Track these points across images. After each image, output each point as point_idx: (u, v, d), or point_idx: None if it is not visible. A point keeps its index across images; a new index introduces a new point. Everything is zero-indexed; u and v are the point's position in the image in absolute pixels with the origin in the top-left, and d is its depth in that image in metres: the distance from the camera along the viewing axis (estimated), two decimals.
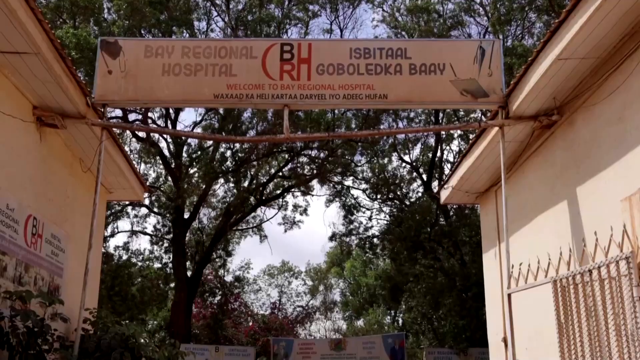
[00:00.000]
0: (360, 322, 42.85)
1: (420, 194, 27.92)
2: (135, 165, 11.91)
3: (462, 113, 23.81)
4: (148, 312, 29.65)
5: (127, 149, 18.95)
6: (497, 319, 10.31)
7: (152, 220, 29.23)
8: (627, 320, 5.24)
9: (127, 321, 8.99)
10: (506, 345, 9.23)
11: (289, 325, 37.24)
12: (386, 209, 28.64)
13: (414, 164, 28.24)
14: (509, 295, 7.65)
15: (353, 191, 29.16)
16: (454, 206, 24.73)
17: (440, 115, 25.22)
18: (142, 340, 7.98)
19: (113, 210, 26.34)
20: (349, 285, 45.52)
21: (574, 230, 7.35)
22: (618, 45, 6.44)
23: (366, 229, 28.91)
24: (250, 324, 37.26)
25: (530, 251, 7.93)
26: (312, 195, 30.16)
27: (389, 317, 41.85)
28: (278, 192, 29.21)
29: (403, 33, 24.06)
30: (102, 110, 8.43)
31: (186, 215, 26.79)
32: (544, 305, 7.11)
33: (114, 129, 9.45)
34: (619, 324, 5.36)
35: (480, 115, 20.63)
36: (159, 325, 32.89)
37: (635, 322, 5.12)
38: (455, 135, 26.37)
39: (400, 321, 38.83)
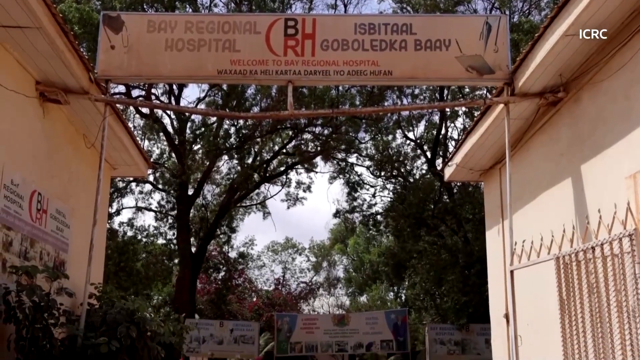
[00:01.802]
0: (363, 298, 43.14)
1: (424, 171, 27.90)
2: (139, 142, 11.91)
3: (467, 90, 23.69)
4: (153, 287, 29.87)
5: (130, 125, 18.94)
6: (499, 296, 10.35)
7: (157, 196, 29.24)
8: (629, 297, 5.26)
9: (132, 296, 9.03)
10: (508, 322, 9.28)
11: (292, 301, 37.51)
12: (390, 186, 28.65)
13: (418, 141, 28.18)
14: (512, 272, 7.68)
15: (357, 168, 29.16)
16: (458, 183, 24.71)
17: (445, 92, 25.10)
18: (147, 315, 8.05)
19: (118, 187, 26.40)
20: (352, 261, 45.74)
21: (578, 208, 7.35)
22: (626, 22, 6.38)
23: (370, 206, 28.96)
24: (255, 299, 37.57)
25: (533, 228, 7.93)
26: (316, 172, 30.18)
27: (391, 293, 42.08)
28: (282, 169, 29.21)
29: (408, 8, 23.87)
30: (105, 85, 8.41)
31: (190, 192, 26.84)
32: (546, 282, 7.14)
33: (117, 105, 9.43)
34: (620, 300, 5.38)
35: (485, 92, 20.52)
36: (164, 301, 33.15)
37: (637, 298, 5.13)
38: (460, 112, 26.29)
39: (403, 297, 39.03)
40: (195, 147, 25.94)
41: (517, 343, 7.52)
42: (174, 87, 25.19)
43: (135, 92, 24.07)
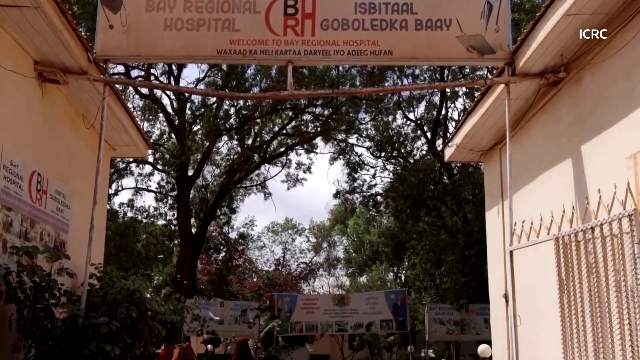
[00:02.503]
0: (363, 279, 43.29)
1: (424, 152, 27.91)
2: (139, 122, 11.88)
3: (467, 70, 23.62)
4: (153, 268, 30.00)
5: (129, 105, 18.88)
6: (498, 276, 10.39)
7: (157, 177, 29.30)
8: (628, 277, 5.28)
9: (133, 276, 9.07)
10: (507, 301, 9.31)
11: (292, 281, 37.69)
12: (390, 167, 28.68)
13: (419, 121, 28.15)
14: (511, 252, 7.69)
15: (357, 149, 29.19)
16: (458, 164, 24.71)
17: (446, 72, 25.03)
18: (147, 295, 8.08)
19: (117, 168, 26.41)
20: (352, 242, 45.87)
21: (578, 188, 7.35)
22: (628, 1, 6.33)
23: (370, 187, 29.01)
24: (255, 279, 37.72)
25: (533, 209, 7.94)
26: (316, 153, 30.23)
27: (391, 273, 42.26)
28: (282, 149, 29.21)
29: None
30: (104, 65, 8.37)
31: (190, 173, 26.86)
32: (545, 262, 7.16)
33: (116, 85, 9.38)
34: (619, 280, 5.39)
35: (486, 72, 20.44)
36: (165, 281, 33.30)
37: (636, 278, 5.14)
38: (460, 92, 26.24)
39: (403, 277, 39.21)
40: (195, 128, 25.94)
41: (516, 323, 7.56)
42: (173, 67, 25.12)
43: (134, 73, 24.02)
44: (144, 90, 24.83)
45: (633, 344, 5.17)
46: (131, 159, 25.37)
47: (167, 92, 25.79)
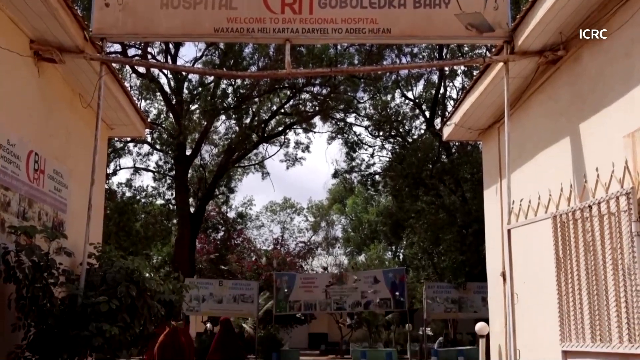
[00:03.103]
0: (361, 258, 43.42)
1: (422, 131, 27.88)
2: (136, 101, 11.84)
3: (466, 48, 23.50)
4: (152, 247, 30.05)
5: (127, 84, 18.79)
6: (496, 254, 10.42)
7: (155, 157, 29.27)
8: (625, 255, 5.29)
9: (132, 256, 9.07)
10: (504, 280, 9.36)
11: (291, 261, 37.78)
12: (388, 146, 28.63)
13: (417, 100, 28.07)
14: (509, 231, 7.71)
15: (355, 128, 29.09)
16: (456, 143, 24.69)
17: (444, 50, 24.91)
18: (146, 274, 8.10)
19: (115, 148, 26.36)
20: (350, 221, 45.94)
21: (576, 167, 7.35)
22: None
23: (368, 166, 28.98)
24: (254, 259, 37.82)
25: (531, 187, 7.94)
26: (314, 132, 30.14)
27: (390, 252, 42.40)
28: (280, 129, 29.14)
29: None
30: (101, 44, 8.32)
31: (188, 152, 26.82)
32: (542, 241, 7.18)
33: (113, 64, 9.34)
34: (616, 258, 5.42)
35: (484, 50, 20.35)
36: (164, 261, 33.39)
37: (633, 256, 5.16)
38: (459, 71, 26.14)
39: (401, 256, 39.33)
40: (193, 107, 25.85)
41: (514, 301, 7.61)
42: (170, 46, 24.97)
43: (131, 52, 23.87)
44: (141, 69, 24.73)
45: (629, 321, 5.21)
46: (129, 139, 25.35)
47: (165, 71, 25.67)
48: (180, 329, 11.24)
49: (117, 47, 22.54)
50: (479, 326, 10.52)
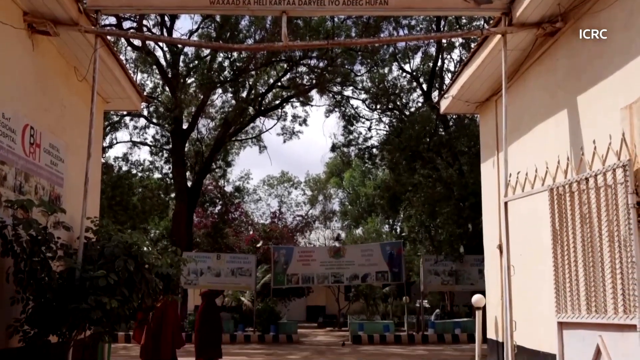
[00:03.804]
0: (359, 231, 43.56)
1: (420, 104, 27.77)
2: (132, 75, 11.77)
3: (464, 21, 23.36)
4: (150, 221, 30.09)
5: (122, 58, 18.66)
6: (493, 227, 10.46)
7: (151, 131, 29.23)
8: (621, 227, 5.31)
9: (129, 230, 9.08)
10: (501, 252, 9.41)
11: (288, 234, 37.90)
12: (386, 119, 28.55)
13: (414, 73, 27.96)
14: (506, 204, 7.73)
15: (353, 101, 29.02)
16: (454, 116, 24.65)
17: (442, 23, 24.75)
18: (144, 248, 8.11)
19: (111, 121, 26.27)
20: (347, 195, 46.00)
21: (573, 139, 7.34)
22: None
23: (365, 139, 28.93)
24: (251, 232, 37.93)
25: (528, 160, 7.95)
26: (312, 106, 30.06)
27: (387, 225, 42.53)
28: (277, 102, 29.04)
29: None
30: (95, 16, 8.23)
31: (185, 126, 26.75)
32: (539, 213, 7.20)
33: (108, 37, 9.25)
34: (612, 230, 5.44)
35: (482, 22, 20.22)
36: (161, 234, 33.47)
37: (629, 228, 5.18)
38: (457, 43, 25.97)
39: (398, 229, 39.48)
40: (189, 81, 25.72)
41: (510, 273, 7.65)
42: (166, 18, 24.78)
43: (126, 24, 23.69)
44: (137, 42, 24.55)
45: (625, 292, 5.24)
46: (125, 112, 25.26)
47: (160, 44, 25.51)
48: (169, 303, 11.33)
49: (112, 20, 22.36)
50: (476, 298, 10.59)
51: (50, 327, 7.07)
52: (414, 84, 27.91)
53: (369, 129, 29.04)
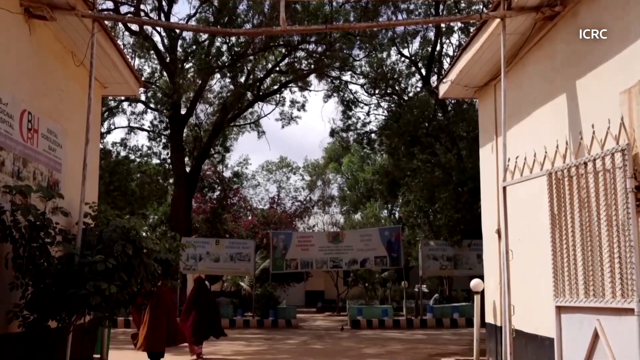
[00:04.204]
0: (357, 216, 43.61)
1: (418, 89, 27.70)
2: (129, 60, 11.72)
3: (463, 5, 23.25)
4: (148, 207, 30.10)
5: (120, 43, 18.58)
6: (491, 212, 10.48)
7: (149, 116, 29.12)
8: (619, 211, 5.32)
9: (128, 215, 9.08)
10: (499, 237, 9.43)
11: (287, 219, 37.92)
12: (384, 104, 28.48)
13: (413, 58, 27.84)
14: (504, 188, 7.73)
15: (351, 86, 28.90)
16: (453, 101, 24.58)
17: (441, 7, 24.63)
18: (143, 233, 8.12)
19: (109, 107, 26.20)
20: (346, 180, 46.02)
21: (572, 124, 7.34)
22: None
23: (364, 124, 28.85)
24: (250, 218, 37.95)
25: (527, 145, 7.94)
26: (310, 91, 29.95)
27: (385, 210, 42.56)
28: (275, 87, 28.95)
29: None
30: (92, 1, 8.19)
31: (183, 111, 26.68)
32: (538, 198, 7.20)
33: (105, 22, 9.21)
34: (610, 215, 5.44)
35: (481, 6, 20.13)
36: (160, 220, 33.48)
37: (627, 212, 5.19)
38: (456, 28, 25.87)
39: (397, 215, 39.50)
40: (187, 66, 25.59)
41: (509, 257, 7.66)
42: (164, 3, 24.63)
43: (123, 9, 23.54)
44: (134, 27, 24.42)
45: (622, 276, 5.25)
46: (123, 97, 25.18)
47: (158, 29, 25.36)
48: (165, 288, 11.49)
49: (110, 4, 22.30)
50: (474, 283, 10.63)
51: (50, 312, 7.09)
52: (413, 68, 27.81)
53: (368, 113, 29.01)
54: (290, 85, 28.62)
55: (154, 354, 11.84)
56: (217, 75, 26.55)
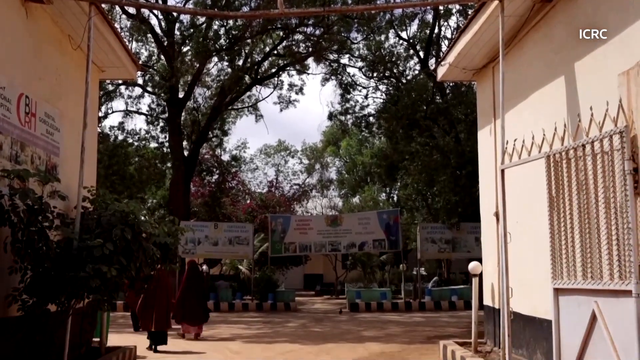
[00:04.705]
0: (355, 199, 43.66)
1: (416, 72, 27.63)
2: (127, 43, 11.67)
3: None
4: (146, 191, 30.10)
5: (117, 26, 18.47)
6: (489, 195, 10.49)
7: (147, 100, 29.11)
8: (617, 193, 5.32)
9: (126, 199, 9.07)
10: (498, 220, 9.44)
11: (286, 203, 37.96)
12: (382, 87, 28.43)
13: (411, 41, 27.74)
14: (502, 171, 7.73)
15: (349, 69, 28.87)
16: (451, 84, 24.54)
17: None
18: (141, 217, 8.12)
19: (107, 91, 26.11)
20: (344, 163, 46.01)
21: (570, 106, 7.33)
22: None
23: (362, 108, 28.83)
24: (248, 201, 37.99)
25: (525, 127, 7.94)
26: (308, 74, 29.86)
27: (384, 194, 42.61)
28: (273, 70, 28.85)
29: None
30: None
31: (181, 95, 26.60)
32: (536, 180, 7.20)
33: (102, 5, 9.14)
34: (608, 197, 5.45)
35: None
36: (158, 204, 33.50)
37: (625, 195, 5.19)
38: (454, 10, 25.76)
39: (395, 198, 39.56)
40: (185, 49, 25.50)
41: (507, 240, 7.68)
42: None
43: None
44: (131, 10, 24.26)
45: (620, 258, 5.27)
46: (120, 81, 25.09)
47: (155, 12, 25.22)
48: (163, 272, 11.93)
49: None
50: (472, 265, 10.65)
51: (49, 296, 7.11)
52: (411, 51, 27.72)
53: (366, 97, 28.96)
54: (288, 68, 28.55)
55: (157, 333, 12.44)
56: (215, 59, 26.48)
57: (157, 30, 25.40)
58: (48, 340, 7.23)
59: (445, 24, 27.14)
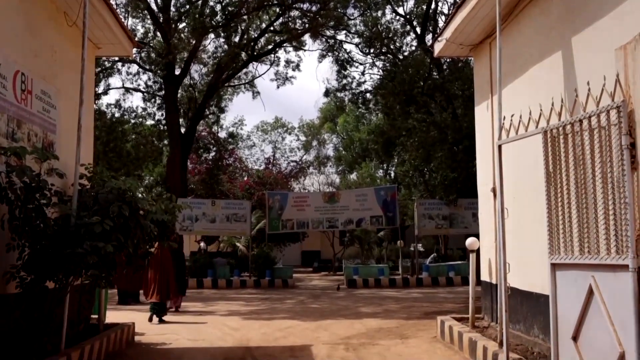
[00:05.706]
0: (353, 176, 43.70)
1: (413, 48, 27.52)
2: (122, 20, 11.58)
3: None
4: (144, 168, 30.09)
5: (112, 2, 18.32)
6: (487, 170, 10.50)
7: (144, 77, 28.94)
8: (614, 168, 5.33)
9: (123, 177, 9.07)
10: (495, 195, 9.46)
11: (283, 180, 37.99)
12: (379, 64, 28.32)
13: (408, 16, 27.58)
14: (500, 147, 7.72)
15: (346, 45, 28.70)
16: (448, 59, 24.44)
17: None
18: (139, 194, 8.12)
19: (103, 68, 25.97)
20: (342, 140, 45.97)
21: (567, 81, 7.31)
22: None
23: (359, 84, 28.75)
24: (246, 178, 38.02)
25: (522, 103, 7.92)
26: (305, 50, 29.72)
27: (381, 170, 42.64)
28: (270, 47, 28.69)
29: None
30: None
31: (177, 72, 26.46)
32: (533, 156, 7.21)
33: None
34: (605, 172, 5.45)
35: None
36: (156, 181, 33.50)
37: (622, 169, 5.20)
38: None
39: (393, 174, 39.58)
40: (181, 26, 25.31)
41: (504, 216, 7.70)
42: None
43: None
44: None
45: (617, 233, 5.29)
46: (116, 58, 24.96)
47: None
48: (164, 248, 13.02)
49: None
50: (470, 241, 10.68)
51: (47, 273, 7.13)
52: (408, 27, 27.57)
53: (363, 73, 28.90)
54: (284, 45, 28.39)
55: (158, 304, 13.64)
56: (211, 35, 26.30)
57: (153, 6, 25.21)
58: (46, 317, 7.27)
59: None
